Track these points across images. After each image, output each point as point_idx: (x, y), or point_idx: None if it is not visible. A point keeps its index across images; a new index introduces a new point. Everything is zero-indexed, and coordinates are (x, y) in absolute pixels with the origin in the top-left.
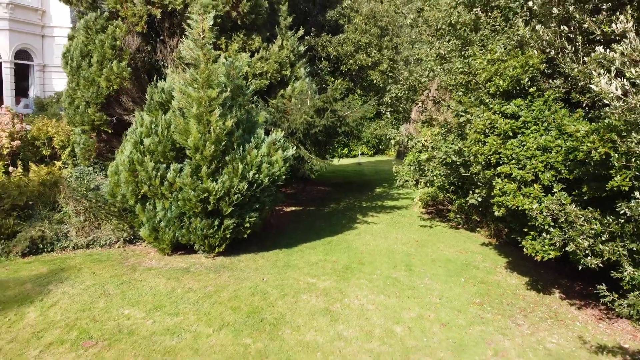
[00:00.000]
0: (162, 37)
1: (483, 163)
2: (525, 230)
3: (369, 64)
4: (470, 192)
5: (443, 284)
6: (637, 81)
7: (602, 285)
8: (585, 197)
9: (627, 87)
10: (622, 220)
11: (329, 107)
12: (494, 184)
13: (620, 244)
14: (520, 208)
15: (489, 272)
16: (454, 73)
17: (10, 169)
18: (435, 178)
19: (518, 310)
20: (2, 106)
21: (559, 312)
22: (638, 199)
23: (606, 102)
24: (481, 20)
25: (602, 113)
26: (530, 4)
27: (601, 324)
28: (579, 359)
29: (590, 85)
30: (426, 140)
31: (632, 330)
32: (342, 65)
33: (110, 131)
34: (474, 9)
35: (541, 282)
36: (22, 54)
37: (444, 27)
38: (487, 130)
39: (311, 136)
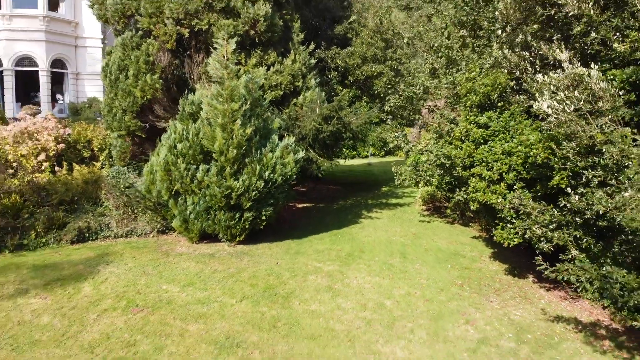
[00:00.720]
0: (189, 53)
1: (461, 165)
2: (497, 221)
3: (374, 74)
4: (457, 189)
5: (431, 269)
6: (567, 101)
7: (539, 257)
8: (539, 193)
9: (555, 106)
10: (565, 212)
11: (335, 114)
12: (469, 182)
13: (567, 231)
14: (489, 202)
15: (473, 260)
16: (440, 88)
17: (56, 168)
18: (431, 178)
19: (492, 290)
20: (47, 113)
21: (528, 293)
22: (572, 194)
23: (544, 117)
24: (467, 41)
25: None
26: (499, 32)
27: (564, 302)
28: (536, 327)
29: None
30: (424, 144)
31: (590, 308)
32: (349, 75)
33: (143, 136)
34: (462, 30)
35: (518, 268)
36: (57, 63)
37: (435, 45)
38: (463, 138)
39: (319, 140)
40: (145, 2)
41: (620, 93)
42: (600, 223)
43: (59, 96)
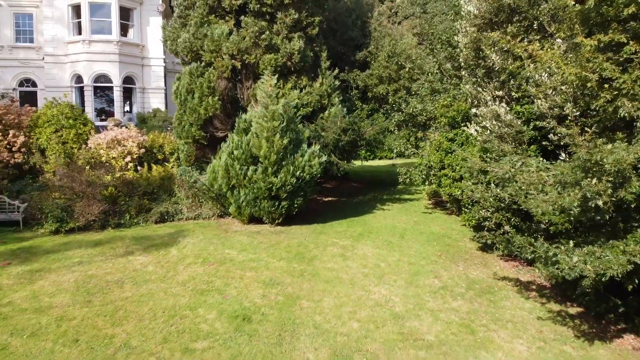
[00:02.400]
0: (240, 79)
1: (438, 167)
2: (462, 208)
3: (389, 92)
4: (432, 184)
5: (420, 245)
6: (490, 129)
7: (484, 232)
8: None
9: (479, 130)
10: (498, 199)
11: (350, 127)
12: (441, 179)
13: (502, 214)
14: (453, 194)
15: (456, 240)
16: (426, 111)
17: (138, 168)
18: (421, 176)
19: (462, 260)
20: (128, 124)
21: (489, 262)
22: (494, 187)
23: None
24: (449, 74)
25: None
26: (462, 71)
27: (514, 269)
28: (485, 282)
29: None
30: (421, 151)
31: (534, 274)
32: (368, 92)
33: (205, 143)
34: (450, 62)
35: (489, 247)
36: (127, 79)
37: (426, 79)
38: (437, 148)
39: (339, 147)
40: (207, 41)
41: (520, 121)
42: (515, 207)
43: (128, 107)
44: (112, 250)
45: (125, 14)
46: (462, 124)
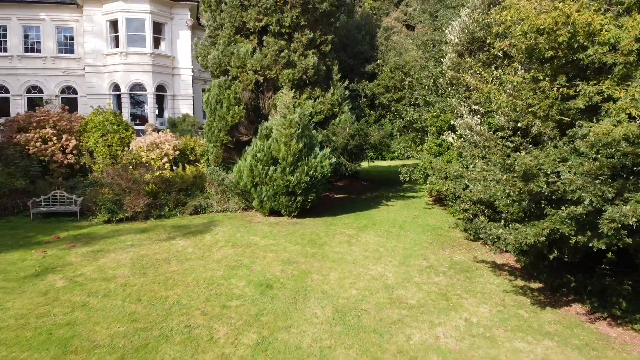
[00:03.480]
0: (261, 90)
1: (429, 168)
2: (447, 202)
3: (394, 99)
4: (426, 182)
5: (416, 234)
6: (464, 137)
7: (459, 221)
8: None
9: (454, 137)
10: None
11: (357, 133)
12: (430, 178)
13: (478, 206)
14: (441, 190)
15: (447, 231)
16: (421, 119)
17: (174, 168)
18: (419, 175)
19: (449, 246)
20: (163, 129)
21: (472, 248)
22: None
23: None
24: (442, 88)
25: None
26: (448, 87)
27: (493, 255)
28: (465, 263)
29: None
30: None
31: (509, 257)
32: (376, 100)
33: (231, 146)
34: (442, 78)
35: (476, 238)
36: (159, 88)
37: (426, 86)
38: (429, 151)
39: (347, 150)
40: (234, 58)
41: (489, 131)
42: (485, 200)
43: (157, 112)
44: (156, 236)
45: (157, 28)
46: (446, 132)
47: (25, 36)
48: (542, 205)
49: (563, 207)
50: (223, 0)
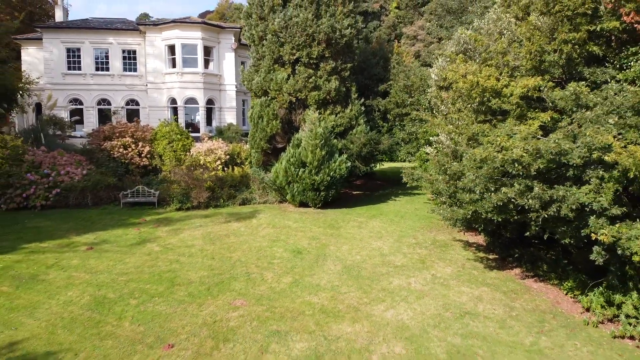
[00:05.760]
0: (294, 107)
1: (420, 171)
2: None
3: (404, 113)
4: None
5: (412, 222)
6: (438, 149)
7: (434, 207)
8: None
9: (431, 150)
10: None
11: (369, 142)
12: (421, 180)
13: (452, 199)
14: (421, 186)
15: (438, 220)
16: (416, 133)
17: (225, 169)
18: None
19: (436, 230)
20: (203, 133)
21: (453, 231)
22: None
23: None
24: (435, 109)
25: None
26: (433, 111)
27: (470, 237)
28: (444, 241)
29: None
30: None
31: (480, 238)
32: (388, 114)
33: (269, 152)
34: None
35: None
36: (209, 101)
37: (424, 106)
38: (419, 158)
39: (361, 156)
40: (273, 83)
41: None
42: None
43: (207, 122)
44: (217, 219)
45: (207, 51)
46: (424, 146)
47: (96, 57)
48: (464, 194)
49: (472, 194)
50: (264, 37)
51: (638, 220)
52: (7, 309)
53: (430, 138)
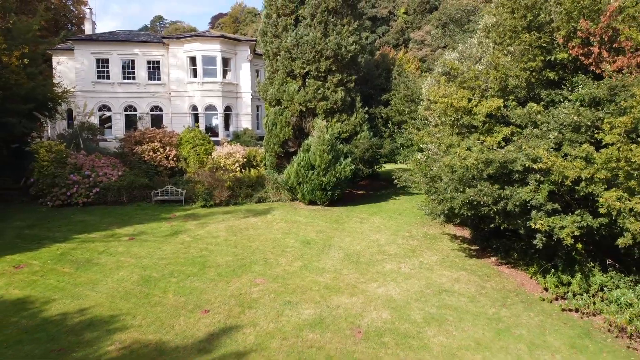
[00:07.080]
0: (304, 116)
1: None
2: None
3: (404, 120)
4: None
5: (409, 218)
6: (427, 155)
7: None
8: None
9: (421, 156)
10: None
11: (371, 147)
12: (410, 180)
13: (434, 193)
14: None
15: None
16: (412, 140)
17: (242, 170)
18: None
19: (428, 225)
20: (222, 137)
21: (444, 227)
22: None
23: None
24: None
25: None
26: (425, 121)
27: (458, 231)
28: (434, 234)
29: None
30: None
31: (467, 232)
32: (389, 122)
33: (282, 155)
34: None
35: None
36: (227, 108)
37: (419, 115)
38: (415, 162)
39: (364, 159)
40: (285, 95)
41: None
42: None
43: (225, 127)
44: (237, 215)
45: (225, 62)
46: (416, 153)
47: (123, 67)
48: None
49: (446, 194)
50: (278, 54)
51: (569, 214)
52: (72, 284)
53: (422, 145)
